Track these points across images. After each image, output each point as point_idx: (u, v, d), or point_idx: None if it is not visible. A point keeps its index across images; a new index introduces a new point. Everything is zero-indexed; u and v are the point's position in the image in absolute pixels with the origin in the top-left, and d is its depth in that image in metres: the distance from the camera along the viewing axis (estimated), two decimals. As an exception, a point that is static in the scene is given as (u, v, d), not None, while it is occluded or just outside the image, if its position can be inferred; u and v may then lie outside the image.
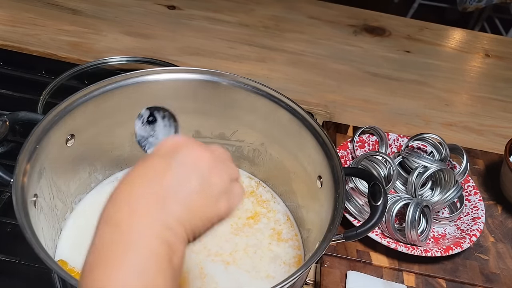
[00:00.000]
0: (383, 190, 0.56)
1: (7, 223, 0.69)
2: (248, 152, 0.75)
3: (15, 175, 0.53)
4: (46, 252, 0.48)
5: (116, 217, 0.37)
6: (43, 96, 0.85)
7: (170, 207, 0.37)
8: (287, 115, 0.66)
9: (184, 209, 0.38)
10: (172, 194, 0.38)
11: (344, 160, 0.82)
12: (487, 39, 1.30)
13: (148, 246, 0.35)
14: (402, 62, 1.15)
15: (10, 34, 1.02)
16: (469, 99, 1.09)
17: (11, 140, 0.79)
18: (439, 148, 0.81)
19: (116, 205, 0.37)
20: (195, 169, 0.40)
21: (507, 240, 0.77)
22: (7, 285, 0.66)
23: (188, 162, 0.40)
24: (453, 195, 0.75)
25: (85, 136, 0.65)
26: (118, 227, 0.36)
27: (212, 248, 0.66)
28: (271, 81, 0.98)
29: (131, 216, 0.36)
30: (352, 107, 1.01)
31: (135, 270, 0.34)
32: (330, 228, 0.53)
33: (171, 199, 0.38)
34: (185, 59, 1.03)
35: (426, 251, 0.69)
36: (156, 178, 0.39)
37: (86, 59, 0.97)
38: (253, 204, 0.73)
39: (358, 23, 1.24)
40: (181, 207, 0.38)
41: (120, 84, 0.65)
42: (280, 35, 1.16)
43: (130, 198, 0.37)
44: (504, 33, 2.45)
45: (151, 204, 0.37)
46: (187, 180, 0.39)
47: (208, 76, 0.68)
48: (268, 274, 0.65)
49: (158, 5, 1.19)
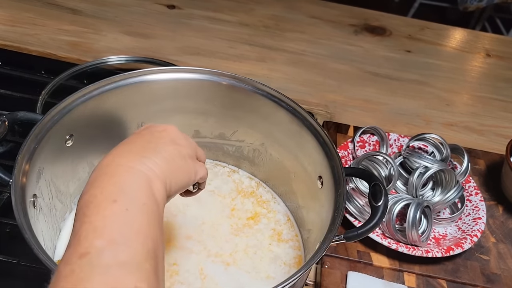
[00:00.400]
0: (383, 191, 0.56)
1: (6, 223, 0.69)
2: (248, 152, 0.75)
3: (14, 175, 0.52)
4: (45, 253, 0.47)
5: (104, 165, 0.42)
6: (42, 96, 0.84)
7: (151, 156, 0.43)
8: (287, 115, 0.66)
9: (162, 160, 0.44)
10: (151, 150, 0.45)
11: (345, 160, 0.82)
12: (488, 38, 1.29)
13: (129, 171, 0.41)
14: (402, 62, 1.15)
15: (9, 34, 1.02)
16: (470, 99, 1.09)
17: (10, 140, 0.78)
18: (440, 148, 0.81)
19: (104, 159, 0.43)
20: (166, 134, 0.48)
21: (508, 241, 0.77)
22: (6, 286, 0.66)
23: (158, 130, 0.49)
24: (454, 195, 0.75)
25: (85, 136, 0.64)
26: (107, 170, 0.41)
27: (212, 249, 0.66)
28: (271, 81, 0.98)
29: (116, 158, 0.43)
30: (353, 107, 1.01)
31: (116, 186, 0.39)
32: (331, 228, 0.53)
33: (151, 152, 0.44)
34: (185, 59, 1.03)
35: (427, 252, 0.69)
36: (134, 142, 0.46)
37: (86, 59, 0.97)
38: (253, 204, 0.73)
39: (359, 22, 1.24)
40: (160, 158, 0.44)
41: (120, 84, 0.65)
42: (280, 35, 1.16)
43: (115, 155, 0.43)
44: (505, 33, 2.45)
45: (133, 154, 0.44)
46: (161, 140, 0.47)
47: (208, 76, 0.68)
48: (268, 275, 0.64)
49: (158, 5, 1.18)
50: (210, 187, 0.74)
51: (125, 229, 0.36)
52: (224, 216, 0.71)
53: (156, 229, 0.39)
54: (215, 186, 0.74)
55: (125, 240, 0.36)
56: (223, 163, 0.78)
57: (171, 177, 0.45)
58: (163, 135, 0.48)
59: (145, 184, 0.41)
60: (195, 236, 0.67)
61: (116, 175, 0.40)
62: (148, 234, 0.37)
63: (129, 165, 0.42)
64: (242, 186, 0.75)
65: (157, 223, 0.39)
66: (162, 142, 0.47)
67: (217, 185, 0.75)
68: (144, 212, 0.39)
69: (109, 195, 0.38)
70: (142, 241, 0.36)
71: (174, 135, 0.49)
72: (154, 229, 0.38)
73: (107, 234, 0.36)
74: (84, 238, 0.35)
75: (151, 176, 0.42)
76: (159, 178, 0.43)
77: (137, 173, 0.41)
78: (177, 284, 0.62)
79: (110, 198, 0.38)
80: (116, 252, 0.35)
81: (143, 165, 0.42)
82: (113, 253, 0.34)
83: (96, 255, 0.34)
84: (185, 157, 0.48)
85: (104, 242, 0.35)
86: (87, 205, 0.38)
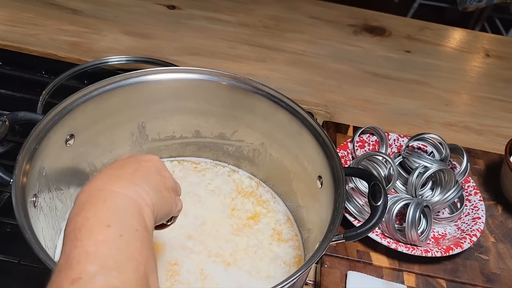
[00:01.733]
0: (383, 190, 0.56)
1: (6, 223, 0.69)
2: (248, 152, 0.75)
3: (15, 175, 0.52)
4: (45, 253, 0.47)
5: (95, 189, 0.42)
6: (43, 96, 0.84)
7: (141, 185, 0.44)
8: (287, 115, 0.66)
9: (151, 189, 0.44)
10: (141, 178, 0.45)
11: (344, 160, 0.82)
12: (488, 39, 1.30)
13: (122, 197, 0.41)
14: (402, 62, 1.15)
15: (10, 34, 1.02)
16: (470, 99, 1.09)
17: (10, 140, 0.78)
18: (440, 148, 0.81)
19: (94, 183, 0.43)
20: (152, 164, 0.49)
21: (507, 240, 0.77)
22: (7, 286, 0.66)
23: (144, 159, 0.49)
24: (453, 195, 0.75)
25: (85, 136, 0.65)
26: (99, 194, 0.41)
27: (213, 249, 0.66)
28: (271, 81, 0.98)
29: (107, 183, 0.42)
30: (352, 107, 1.01)
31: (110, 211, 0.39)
32: (330, 228, 0.53)
33: (141, 180, 0.44)
34: (185, 59, 1.03)
35: (426, 251, 0.69)
36: (122, 169, 0.46)
37: (86, 59, 0.97)
38: (253, 204, 0.73)
39: (358, 23, 1.24)
40: (149, 187, 0.44)
41: (120, 84, 0.65)
42: (280, 35, 1.16)
43: (105, 180, 0.43)
44: (505, 33, 2.45)
45: (124, 180, 0.43)
46: (149, 170, 0.47)
47: (208, 76, 0.68)
48: (269, 274, 0.65)
49: (158, 5, 1.19)
50: (210, 187, 0.74)
51: (118, 255, 0.36)
52: (224, 216, 0.71)
53: (148, 255, 0.38)
54: (215, 186, 0.74)
55: (117, 266, 0.35)
56: (223, 163, 0.78)
57: (158, 206, 0.45)
58: (149, 165, 0.48)
59: (137, 211, 0.41)
60: (195, 236, 0.68)
61: (109, 200, 0.40)
62: (141, 260, 0.37)
63: (122, 191, 0.41)
64: (242, 186, 0.75)
65: (149, 250, 0.39)
66: (150, 172, 0.47)
67: (217, 185, 0.75)
68: (137, 238, 0.38)
69: (103, 219, 0.38)
70: (134, 267, 0.36)
71: (159, 166, 0.50)
72: (146, 255, 0.38)
73: (100, 260, 0.35)
74: (76, 262, 0.35)
75: (142, 204, 0.42)
76: (149, 207, 0.43)
77: (129, 200, 0.41)
78: (177, 284, 0.62)
79: (103, 223, 0.38)
80: (108, 278, 0.34)
81: (135, 192, 0.42)
82: (105, 278, 0.34)
83: (89, 280, 0.34)
84: (169, 189, 0.49)
85: (97, 268, 0.34)
86: (79, 228, 0.37)
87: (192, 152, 0.77)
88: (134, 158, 0.49)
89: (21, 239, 0.48)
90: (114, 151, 0.71)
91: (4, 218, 0.69)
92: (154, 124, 0.72)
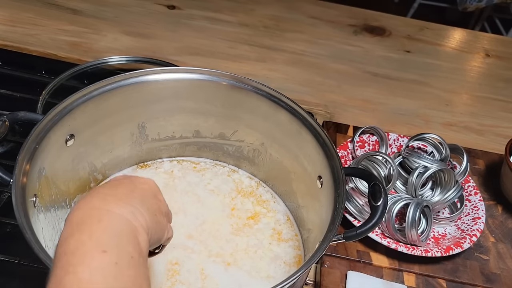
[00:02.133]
0: (383, 190, 0.56)
1: (6, 223, 0.69)
2: (248, 152, 0.75)
3: (15, 175, 0.52)
4: (45, 253, 0.47)
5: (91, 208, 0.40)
6: (43, 96, 0.84)
7: (138, 206, 0.43)
8: (287, 115, 0.66)
9: (147, 212, 0.43)
10: (137, 200, 0.44)
11: (344, 160, 0.82)
12: (488, 39, 1.30)
13: (118, 219, 0.40)
14: (402, 62, 1.15)
15: (9, 34, 1.02)
16: (470, 99, 1.09)
17: (10, 140, 0.79)
18: (440, 148, 0.81)
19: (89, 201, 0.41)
20: (148, 187, 0.48)
21: (507, 240, 0.77)
22: (7, 285, 0.66)
23: (140, 181, 0.48)
24: (453, 195, 0.75)
25: (85, 136, 0.65)
26: (94, 213, 0.40)
27: (213, 249, 0.66)
28: (271, 81, 0.98)
29: (102, 202, 0.41)
30: (352, 107, 1.01)
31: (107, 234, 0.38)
32: (330, 228, 0.53)
33: (137, 202, 0.43)
34: (185, 59, 1.03)
35: (426, 251, 0.69)
36: (117, 189, 0.44)
37: (86, 59, 0.97)
38: (253, 204, 0.73)
39: (358, 23, 1.24)
40: (145, 210, 0.43)
41: (120, 84, 0.65)
42: (280, 35, 1.16)
43: (100, 199, 0.42)
44: (505, 33, 2.45)
45: (120, 200, 0.42)
46: (145, 193, 0.46)
47: (208, 76, 0.68)
48: (269, 274, 0.65)
49: (158, 5, 1.19)
50: (209, 187, 0.74)
51: (113, 283, 0.35)
52: (224, 215, 0.71)
53: (142, 283, 0.38)
54: (215, 186, 0.74)
55: None
56: (223, 163, 0.78)
57: (153, 231, 0.44)
58: (146, 188, 0.47)
59: (132, 235, 0.40)
60: (196, 235, 0.68)
61: (105, 220, 0.39)
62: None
63: (117, 211, 0.40)
64: (242, 186, 0.75)
65: (142, 277, 0.38)
66: (146, 194, 0.46)
67: (217, 184, 0.75)
68: (132, 265, 0.37)
69: (98, 243, 0.37)
70: None
71: (155, 189, 0.49)
72: (140, 284, 0.37)
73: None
74: None
75: (138, 227, 0.41)
76: (144, 230, 0.42)
77: (126, 222, 0.40)
78: (178, 284, 0.62)
79: (99, 247, 0.36)
80: None
81: (131, 214, 0.41)
82: None
83: None
84: (163, 214, 0.48)
85: None
86: (73, 251, 0.36)
87: (192, 152, 0.77)
88: (130, 180, 0.47)
89: (21, 239, 0.48)
90: (114, 151, 0.71)
91: (4, 218, 0.69)
92: (154, 124, 0.72)
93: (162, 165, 0.76)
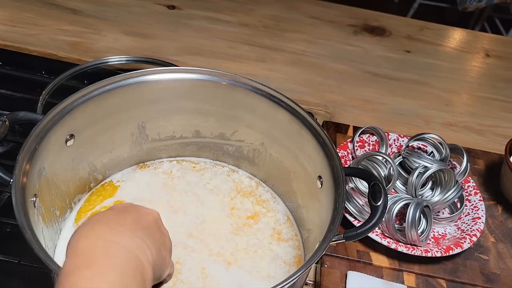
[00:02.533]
0: (383, 190, 0.56)
1: (6, 223, 0.69)
2: (248, 152, 0.75)
3: (15, 175, 0.52)
4: (45, 252, 0.47)
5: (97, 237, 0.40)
6: (43, 96, 0.85)
7: (145, 239, 0.42)
8: (287, 115, 0.66)
9: (153, 246, 0.43)
10: (144, 231, 0.43)
11: (344, 160, 0.82)
12: (488, 39, 1.30)
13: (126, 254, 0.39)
14: (402, 62, 1.15)
15: (9, 34, 1.02)
16: (470, 99, 1.09)
17: (10, 140, 0.78)
18: (440, 148, 0.81)
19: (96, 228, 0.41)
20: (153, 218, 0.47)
21: (507, 240, 0.77)
22: (7, 285, 0.66)
23: (146, 211, 0.47)
24: (453, 195, 0.75)
25: (85, 136, 0.65)
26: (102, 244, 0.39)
27: (214, 248, 0.66)
28: (271, 81, 0.98)
29: (109, 232, 0.40)
30: (352, 107, 1.01)
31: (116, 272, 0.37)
32: (330, 228, 0.53)
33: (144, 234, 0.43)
34: (185, 59, 1.03)
35: (426, 251, 0.69)
36: (123, 216, 0.44)
37: (86, 59, 0.97)
38: (253, 203, 0.73)
39: (358, 23, 1.24)
40: (152, 243, 0.43)
41: (120, 84, 0.65)
42: (280, 35, 1.16)
43: (108, 228, 0.41)
44: (505, 33, 2.45)
45: (128, 230, 0.42)
46: (150, 224, 0.45)
47: (208, 76, 0.68)
48: (269, 274, 0.65)
49: (158, 5, 1.19)
50: (209, 186, 0.74)
51: None
52: (224, 215, 0.71)
53: None
54: (214, 185, 0.74)
55: None
56: (223, 163, 0.78)
57: (157, 266, 0.43)
58: (151, 219, 0.46)
59: (139, 273, 0.39)
60: (196, 234, 0.68)
61: (114, 257, 0.38)
62: None
63: (128, 246, 0.40)
64: (241, 185, 0.75)
65: None
66: (151, 226, 0.45)
67: (216, 184, 0.75)
68: None
69: (107, 281, 0.36)
70: None
71: (160, 223, 0.48)
72: None
73: None
74: None
75: (144, 263, 0.40)
76: (150, 265, 0.41)
77: (134, 258, 0.40)
78: (179, 283, 0.62)
79: (107, 286, 0.36)
80: None
81: (138, 247, 0.41)
82: None
83: None
84: (167, 250, 0.47)
85: None
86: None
87: (192, 152, 0.77)
88: (134, 207, 0.47)
89: (21, 239, 0.48)
90: (114, 151, 0.71)
91: (4, 218, 0.69)
92: (154, 124, 0.72)
93: (162, 165, 0.76)
